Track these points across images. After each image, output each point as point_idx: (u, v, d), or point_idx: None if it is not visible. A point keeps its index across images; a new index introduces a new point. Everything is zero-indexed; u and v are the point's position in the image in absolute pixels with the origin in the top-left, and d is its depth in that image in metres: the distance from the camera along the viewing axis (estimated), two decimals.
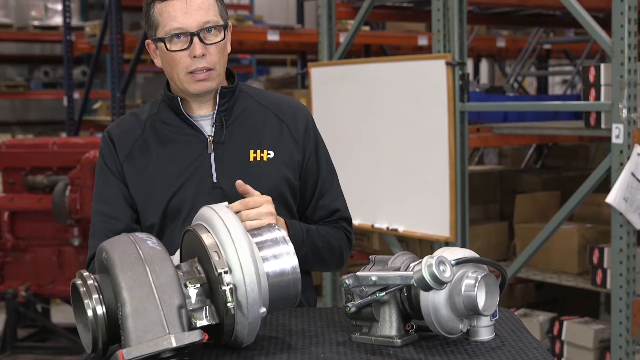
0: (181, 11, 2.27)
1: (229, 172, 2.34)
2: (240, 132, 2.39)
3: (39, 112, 12.88)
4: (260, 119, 2.43)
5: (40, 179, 5.92)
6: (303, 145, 2.44)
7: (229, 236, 1.81)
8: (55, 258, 5.99)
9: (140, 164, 2.37)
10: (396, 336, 1.91)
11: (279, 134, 2.42)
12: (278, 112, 2.46)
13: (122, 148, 2.39)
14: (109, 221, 2.37)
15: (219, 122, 2.38)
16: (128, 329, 1.67)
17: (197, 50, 2.28)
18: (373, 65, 5.17)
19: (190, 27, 2.27)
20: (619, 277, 4.15)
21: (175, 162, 2.35)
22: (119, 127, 2.45)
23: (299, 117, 2.47)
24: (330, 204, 2.48)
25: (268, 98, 2.50)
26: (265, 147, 2.39)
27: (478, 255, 1.90)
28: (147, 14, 2.34)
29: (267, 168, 2.37)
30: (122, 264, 1.74)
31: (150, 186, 2.35)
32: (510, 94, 7.43)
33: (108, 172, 2.40)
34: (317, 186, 2.47)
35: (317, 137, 2.51)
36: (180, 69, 2.31)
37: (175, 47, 2.29)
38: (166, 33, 2.29)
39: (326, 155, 2.53)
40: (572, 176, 6.24)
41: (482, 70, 12.99)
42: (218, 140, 2.37)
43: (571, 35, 9.50)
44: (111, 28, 7.94)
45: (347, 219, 2.52)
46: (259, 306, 1.80)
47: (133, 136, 2.41)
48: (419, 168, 4.77)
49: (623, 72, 4.04)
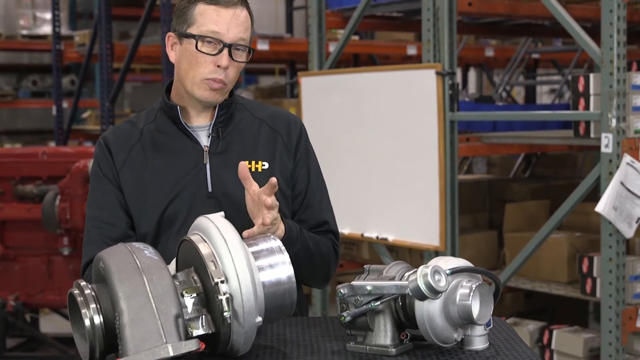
0: (224, 20, 2.31)
1: (224, 182, 2.36)
2: (235, 144, 2.42)
3: (27, 121, 12.85)
4: (255, 131, 2.46)
5: (30, 189, 5.90)
6: (294, 154, 2.48)
7: (225, 246, 1.82)
8: (44, 268, 5.97)
9: (136, 172, 2.39)
10: (391, 345, 1.92)
11: (273, 145, 2.45)
12: (272, 124, 2.49)
13: (118, 155, 2.41)
14: (104, 227, 2.37)
15: (215, 133, 2.41)
16: (125, 338, 1.68)
17: (224, 61, 2.31)
18: (363, 75, 5.19)
19: (227, 37, 2.31)
20: (609, 285, 4.17)
21: (171, 171, 2.37)
22: (115, 134, 2.46)
23: (292, 128, 2.51)
24: (319, 215, 2.50)
25: (263, 110, 2.53)
26: (260, 158, 2.42)
27: (472, 265, 1.91)
28: (184, 9, 2.36)
29: (262, 179, 2.37)
30: (119, 274, 1.74)
31: (145, 195, 2.37)
32: (499, 103, 7.46)
33: (104, 179, 2.40)
34: (306, 196, 2.49)
35: (308, 148, 2.54)
36: (200, 71, 2.33)
37: (204, 49, 2.31)
38: (201, 32, 2.31)
39: (317, 168, 2.55)
40: (560, 185, 6.26)
41: (470, 79, 13.04)
42: (214, 150, 2.39)
43: (559, 45, 9.55)
44: (101, 37, 7.95)
45: (334, 232, 2.53)
46: (255, 315, 1.81)
47: (129, 144, 2.42)
48: (409, 177, 4.79)
49: (612, 82, 4.07)
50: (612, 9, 4.05)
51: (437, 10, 4.66)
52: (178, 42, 2.39)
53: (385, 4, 5.59)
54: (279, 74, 13.07)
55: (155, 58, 9.00)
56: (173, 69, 6.89)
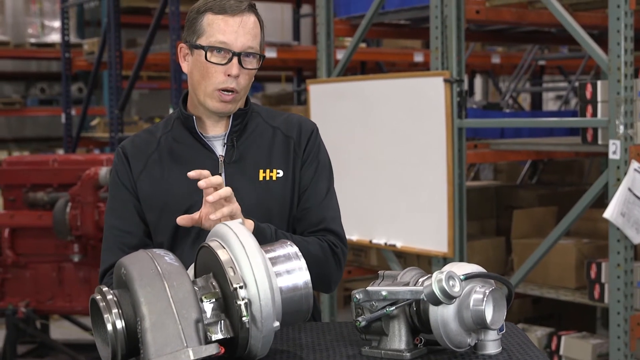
0: (232, 29, 2.32)
1: (239, 191, 2.36)
2: (250, 152, 2.44)
3: (35, 129, 12.90)
4: (269, 139, 2.47)
5: (41, 196, 5.94)
6: (303, 154, 2.48)
7: (243, 252, 1.85)
8: (55, 274, 6.01)
9: (153, 181, 2.42)
10: (405, 350, 1.95)
11: (287, 152, 2.46)
12: (286, 130, 2.50)
13: (136, 164, 2.43)
14: (123, 235, 2.40)
15: (230, 142, 2.43)
16: (147, 342, 1.72)
17: (234, 70, 2.33)
18: (371, 83, 5.22)
19: (235, 46, 2.33)
20: (617, 291, 4.19)
21: (187, 181, 2.36)
22: (133, 144, 2.48)
23: (303, 129, 2.51)
24: (318, 213, 2.46)
25: (277, 117, 2.54)
26: (274, 166, 2.43)
27: (485, 271, 1.94)
28: (194, 20, 2.38)
29: (277, 187, 2.41)
30: (141, 280, 1.78)
31: (161, 204, 2.39)
32: (506, 110, 7.49)
33: (122, 187, 2.43)
34: (307, 193, 2.46)
35: (318, 147, 2.53)
36: (211, 82, 2.35)
37: (214, 59, 2.33)
38: (210, 43, 2.33)
39: (325, 169, 2.52)
40: (568, 191, 6.29)
41: (476, 86, 13.07)
42: (229, 160, 2.42)
43: (565, 52, 9.58)
44: (109, 45, 7.99)
45: (334, 231, 2.46)
46: (273, 320, 1.84)
47: (147, 153, 2.45)
48: (417, 184, 4.82)
49: (620, 89, 4.10)
50: (620, 16, 4.08)
51: (445, 18, 4.69)
52: (189, 53, 2.41)
53: (394, 12, 5.62)
54: (285, 81, 13.11)
55: (163, 65, 9.04)
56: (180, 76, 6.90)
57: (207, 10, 2.35)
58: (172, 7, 6.86)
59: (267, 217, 2.38)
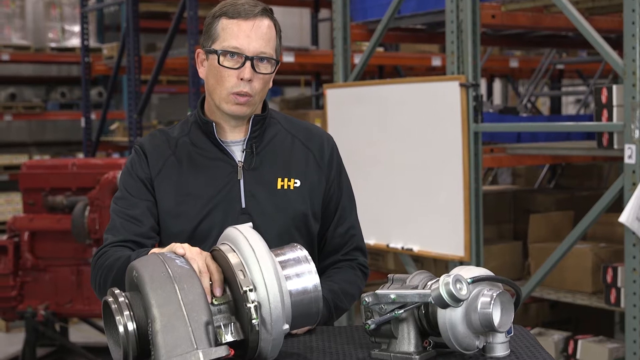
0: (244, 33, 2.34)
1: (257, 198, 2.39)
2: (269, 160, 2.45)
3: (56, 133, 12.98)
4: (288, 147, 2.49)
5: (60, 200, 5.99)
6: (327, 172, 2.50)
7: (253, 255, 1.88)
8: (74, 278, 6.05)
9: (171, 184, 2.42)
10: (414, 352, 1.97)
11: (305, 162, 2.48)
12: (305, 141, 2.52)
13: (154, 163, 2.43)
14: (130, 220, 2.38)
15: (249, 148, 2.44)
16: (158, 344, 1.74)
17: (246, 74, 2.34)
18: (388, 87, 5.24)
19: (248, 51, 2.34)
20: (633, 295, 4.18)
21: (205, 186, 2.39)
22: (151, 143, 2.48)
23: (325, 146, 2.53)
24: (347, 232, 2.54)
25: (296, 126, 2.55)
26: (292, 175, 2.45)
27: (493, 274, 1.96)
28: (209, 25, 2.40)
29: (294, 196, 2.43)
30: (152, 282, 1.81)
31: (179, 209, 2.39)
32: (523, 114, 7.48)
33: (137, 180, 2.42)
34: (337, 213, 2.52)
35: (340, 165, 2.57)
36: (224, 86, 2.36)
37: (227, 63, 2.35)
38: (223, 48, 2.35)
39: (347, 184, 2.58)
40: (585, 196, 6.28)
41: (495, 90, 13.04)
42: (248, 166, 2.42)
43: (584, 56, 9.56)
44: (128, 50, 8.03)
45: (362, 249, 2.57)
46: (282, 323, 1.87)
47: (164, 154, 2.45)
48: (434, 188, 4.83)
49: (635, 93, 4.10)
50: (635, 21, 4.08)
51: (460, 22, 4.70)
52: (205, 58, 2.43)
53: (410, 17, 5.63)
54: (305, 86, 13.14)
55: (182, 70, 9.08)
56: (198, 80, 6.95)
57: (221, 15, 2.37)
58: (190, 12, 6.90)
59: (283, 225, 2.41)
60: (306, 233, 2.46)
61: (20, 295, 6.07)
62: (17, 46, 11.32)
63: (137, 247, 2.34)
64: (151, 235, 2.40)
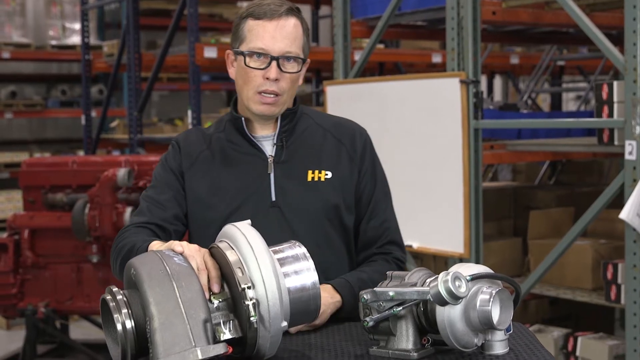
0: (269, 34, 2.37)
1: (287, 191, 2.42)
2: (299, 153, 2.48)
3: (56, 131, 12.98)
4: (319, 140, 2.52)
5: (60, 197, 5.98)
6: (359, 164, 2.53)
7: (252, 253, 1.88)
8: (74, 275, 6.05)
9: (203, 176, 2.47)
10: (413, 350, 1.97)
11: (337, 154, 2.51)
12: (337, 134, 2.54)
13: (187, 156, 2.50)
14: (156, 205, 2.45)
15: (279, 142, 2.48)
16: (156, 342, 1.74)
17: (272, 74, 2.37)
18: (388, 84, 5.23)
19: (273, 51, 2.37)
20: (633, 292, 4.18)
21: (236, 180, 2.44)
22: (186, 138, 2.55)
23: (357, 138, 2.56)
24: (381, 225, 2.54)
25: (327, 120, 2.59)
26: (323, 167, 2.47)
27: (492, 271, 1.95)
28: (237, 26, 2.44)
29: (325, 188, 2.45)
30: (150, 280, 1.81)
31: (210, 200, 2.44)
32: (524, 110, 7.47)
33: (169, 171, 2.50)
34: (370, 206, 2.53)
35: (373, 158, 2.59)
36: (251, 86, 2.40)
37: (253, 64, 2.39)
38: (249, 49, 2.39)
39: (382, 178, 2.60)
40: (585, 192, 6.27)
41: (495, 86, 13.03)
42: (278, 160, 2.46)
43: (585, 52, 9.55)
44: (129, 47, 8.03)
45: (397, 243, 2.57)
46: (281, 320, 1.87)
47: (199, 148, 2.51)
48: (434, 185, 4.82)
49: (636, 90, 4.09)
50: (636, 16, 4.07)
51: (461, 19, 4.70)
52: (235, 59, 2.47)
53: (410, 13, 5.63)
54: (305, 82, 13.13)
55: (182, 67, 9.08)
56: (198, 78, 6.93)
57: (248, 16, 2.41)
58: (190, 9, 6.90)
59: (314, 217, 2.43)
60: (339, 225, 2.48)
61: (21, 293, 6.07)
62: (17, 44, 11.32)
63: (158, 230, 2.40)
64: (173, 221, 2.45)
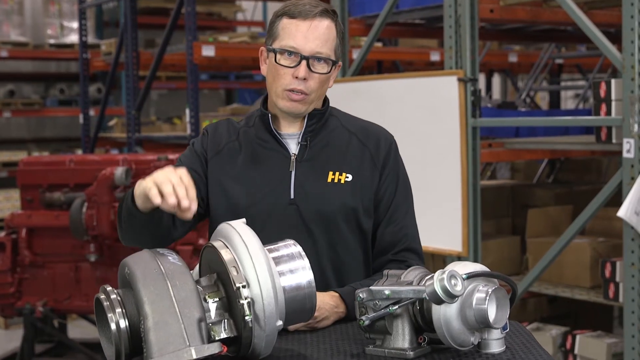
0: (302, 33, 2.39)
1: (306, 190, 2.43)
2: (323, 153, 2.49)
3: (55, 129, 12.96)
4: (344, 143, 2.52)
5: (58, 196, 5.97)
6: (381, 169, 2.52)
7: (246, 252, 1.87)
8: (72, 274, 6.03)
9: (226, 165, 2.49)
10: (409, 348, 1.96)
11: (360, 158, 2.51)
12: (362, 137, 2.54)
13: (214, 145, 2.52)
14: None
15: (304, 141, 2.49)
16: (150, 341, 1.73)
17: (301, 73, 2.39)
18: (385, 82, 5.23)
19: (304, 50, 2.39)
20: (631, 290, 4.18)
21: (258, 174, 2.45)
22: (216, 128, 2.58)
23: (382, 142, 2.56)
24: (399, 231, 2.52)
25: (355, 123, 2.59)
26: (345, 170, 2.48)
27: (489, 270, 1.95)
28: (272, 24, 2.47)
29: (344, 191, 2.45)
30: (144, 279, 1.80)
31: (230, 191, 2.45)
32: (522, 109, 7.47)
33: (193, 153, 2.53)
34: (389, 211, 2.52)
35: (398, 163, 2.58)
36: (280, 83, 2.42)
37: (283, 62, 2.41)
38: (280, 47, 2.41)
39: (405, 184, 2.58)
40: (584, 190, 6.27)
41: (494, 85, 13.02)
42: (301, 158, 2.47)
43: (583, 50, 9.54)
44: (127, 46, 8.02)
45: (415, 251, 2.53)
46: (276, 319, 1.86)
47: (226, 138, 2.54)
48: (432, 183, 4.82)
49: (634, 88, 4.09)
50: (633, 14, 4.07)
51: (458, 17, 4.69)
52: (267, 56, 2.49)
53: (408, 11, 5.63)
54: None
55: (181, 66, 9.07)
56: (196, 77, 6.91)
57: (283, 14, 2.44)
58: (188, 8, 6.88)
59: (331, 218, 2.43)
60: (356, 228, 2.47)
61: (19, 292, 6.06)
62: (15, 43, 11.29)
63: None
64: None
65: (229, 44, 7.40)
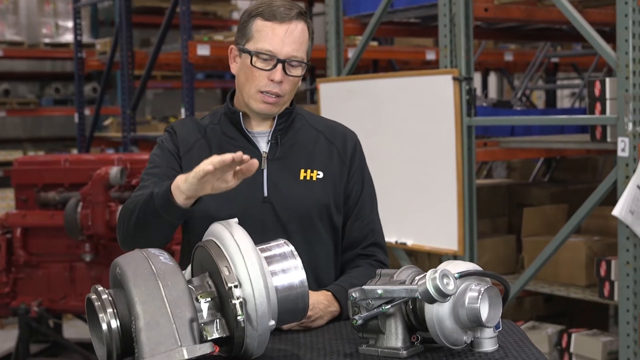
0: (278, 37, 2.39)
1: (280, 188, 2.44)
2: (293, 152, 2.51)
3: (50, 129, 12.94)
4: (312, 141, 2.54)
5: (53, 196, 5.96)
6: (349, 166, 2.56)
7: (238, 251, 1.86)
8: (67, 274, 6.03)
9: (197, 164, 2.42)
10: (402, 348, 1.96)
11: (328, 156, 2.54)
12: (329, 136, 2.57)
13: (184, 143, 2.50)
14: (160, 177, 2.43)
15: (274, 140, 2.50)
16: (141, 342, 1.73)
17: (277, 76, 2.39)
18: (381, 81, 5.22)
19: (280, 54, 2.39)
20: (626, 289, 4.18)
21: None
22: (182, 126, 2.56)
23: (348, 141, 2.59)
24: (366, 227, 2.56)
25: (320, 122, 2.63)
26: (315, 167, 2.50)
27: (481, 269, 1.94)
28: (245, 23, 2.45)
29: (316, 187, 2.48)
30: (135, 279, 1.79)
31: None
32: (517, 107, 7.46)
33: (166, 152, 2.50)
34: (356, 207, 2.56)
35: (362, 161, 2.62)
36: (254, 84, 2.42)
37: (259, 64, 2.40)
38: (256, 49, 2.40)
39: (369, 182, 2.62)
40: (579, 189, 6.27)
41: (490, 83, 13.02)
42: (272, 157, 2.48)
43: (578, 49, 9.54)
44: (122, 45, 8.00)
45: (381, 246, 2.59)
46: (268, 319, 1.85)
47: (194, 137, 2.52)
48: (427, 182, 4.81)
49: (628, 86, 4.09)
50: (628, 13, 4.06)
51: (453, 16, 4.69)
52: (239, 55, 2.48)
53: (402, 10, 5.61)
54: None
55: (176, 65, 9.06)
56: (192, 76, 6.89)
57: (257, 15, 2.42)
58: (182, 7, 6.87)
59: (305, 215, 2.45)
60: (329, 224, 2.50)
61: (14, 292, 6.05)
62: (10, 42, 11.27)
63: None
64: None
65: (224, 43, 7.38)
